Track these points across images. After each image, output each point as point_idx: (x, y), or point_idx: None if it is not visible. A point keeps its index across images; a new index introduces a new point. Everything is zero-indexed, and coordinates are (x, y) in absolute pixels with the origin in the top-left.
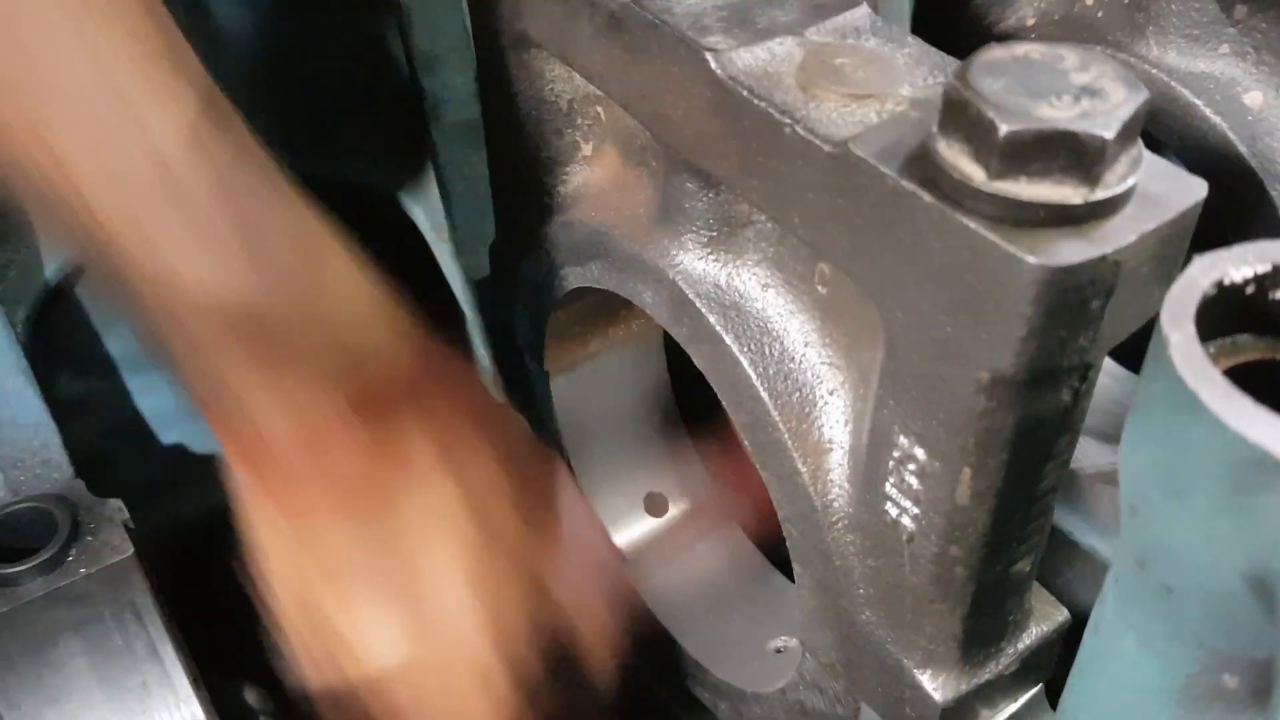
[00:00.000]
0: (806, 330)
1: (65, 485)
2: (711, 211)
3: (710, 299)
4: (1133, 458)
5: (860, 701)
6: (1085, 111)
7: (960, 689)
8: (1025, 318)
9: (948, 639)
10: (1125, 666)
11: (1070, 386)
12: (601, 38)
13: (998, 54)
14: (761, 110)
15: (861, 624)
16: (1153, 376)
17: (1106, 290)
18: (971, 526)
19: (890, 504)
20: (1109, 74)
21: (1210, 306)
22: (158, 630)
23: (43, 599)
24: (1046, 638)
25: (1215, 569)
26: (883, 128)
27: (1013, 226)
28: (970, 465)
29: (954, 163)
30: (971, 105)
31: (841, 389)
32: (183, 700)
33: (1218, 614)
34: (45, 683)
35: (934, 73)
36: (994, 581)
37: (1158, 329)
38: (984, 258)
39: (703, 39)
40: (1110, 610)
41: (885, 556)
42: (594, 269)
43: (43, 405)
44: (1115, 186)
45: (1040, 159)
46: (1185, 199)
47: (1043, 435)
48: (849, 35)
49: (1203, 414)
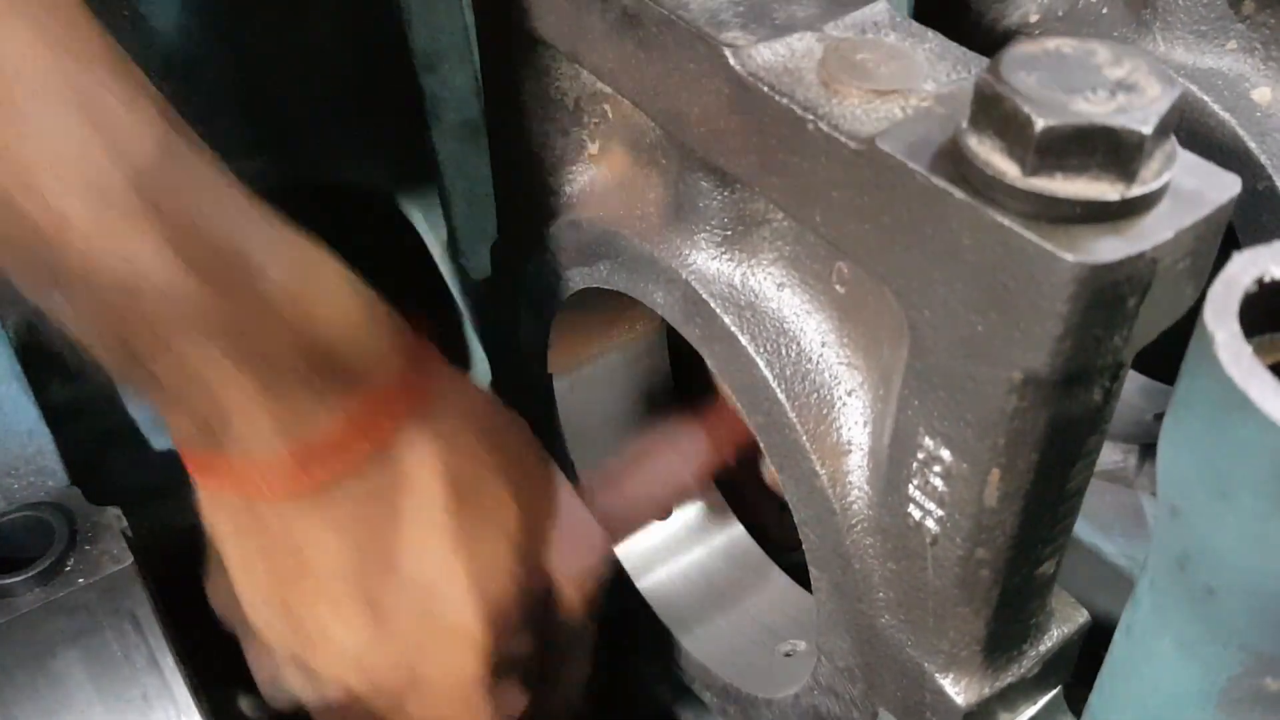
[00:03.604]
0: (824, 330)
1: (61, 493)
2: (726, 210)
3: (725, 299)
4: (1174, 459)
5: (878, 706)
6: (1122, 106)
7: (983, 693)
8: (1061, 316)
9: (971, 642)
10: (1161, 669)
11: (1102, 386)
12: (614, 34)
13: (1029, 48)
14: (783, 107)
15: (881, 628)
16: (1195, 375)
17: (1143, 288)
18: (999, 529)
19: (914, 506)
20: (1143, 68)
21: (1250, 303)
22: (157, 641)
23: (40, 610)
24: (1068, 639)
25: (1262, 570)
26: (909, 124)
27: (1048, 224)
28: (999, 466)
29: (986, 159)
30: (1005, 100)
31: (860, 390)
32: (183, 712)
33: (1263, 616)
34: (44, 696)
35: (957, 68)
36: (1019, 584)
37: (1199, 326)
38: (1018, 255)
39: (721, 34)
40: (1145, 613)
41: (907, 560)
42: (602, 269)
43: (37, 411)
44: (1151, 183)
45: (1077, 155)
46: (1220, 195)
47: (1073, 435)
48: (869, 30)
49: (1252, 412)
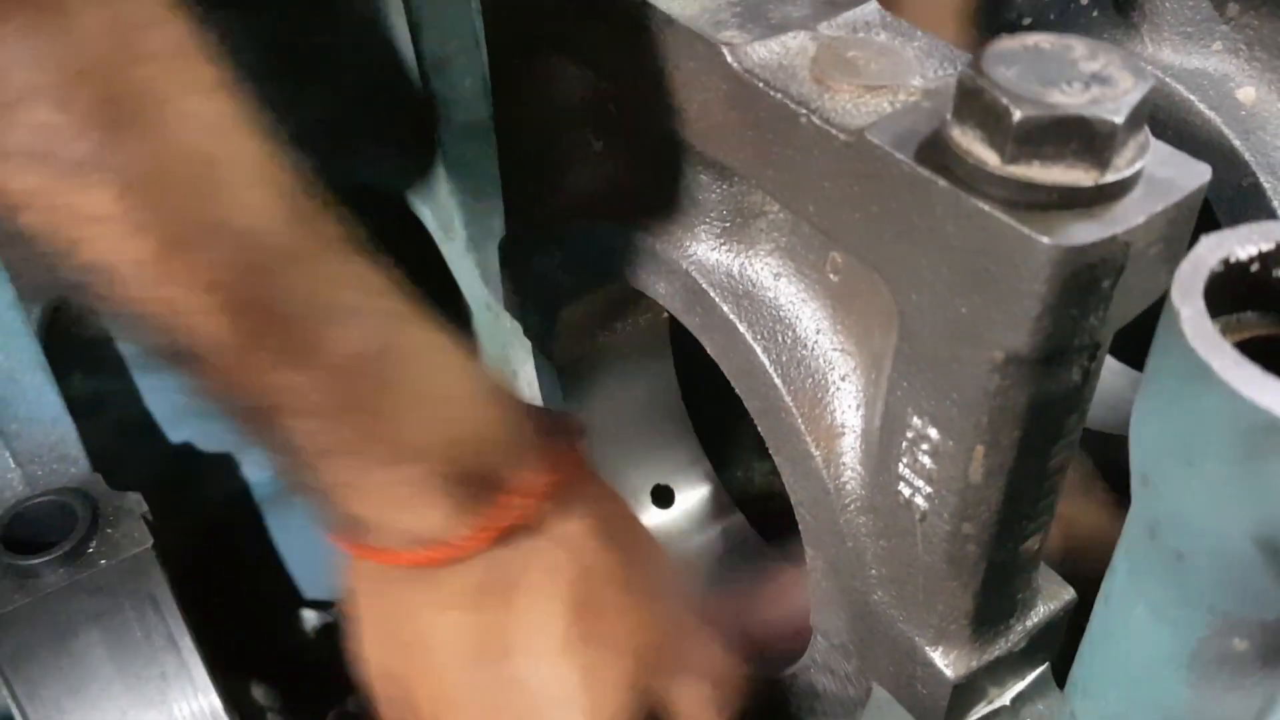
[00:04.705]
0: (818, 318)
1: (84, 479)
2: (725, 203)
3: (724, 288)
4: (1144, 430)
5: (872, 681)
6: (1095, 98)
7: (971, 665)
8: (1039, 297)
9: (959, 617)
10: (1136, 635)
11: (1080, 365)
12: (616, 35)
13: (1009, 44)
14: (778, 101)
15: (874, 604)
16: (1163, 350)
17: (1117, 270)
18: (984, 504)
19: (904, 484)
20: (1116, 62)
21: (1217, 283)
22: (176, 621)
23: (64, 590)
24: (1054, 615)
25: (1226, 533)
26: (897, 117)
27: (1026, 209)
28: (983, 443)
29: (968, 148)
30: (986, 92)
31: (853, 374)
32: (200, 690)
33: (1228, 578)
34: (66, 673)
35: (944, 65)
36: (1005, 559)
37: (1168, 304)
38: (998, 239)
39: (718, 34)
40: (1121, 580)
41: (898, 537)
42: (606, 263)
43: (60, 401)
44: (1124, 170)
45: (1053, 143)
46: (1190, 182)
47: (1053, 414)
48: (860, 29)
49: (1214, 383)
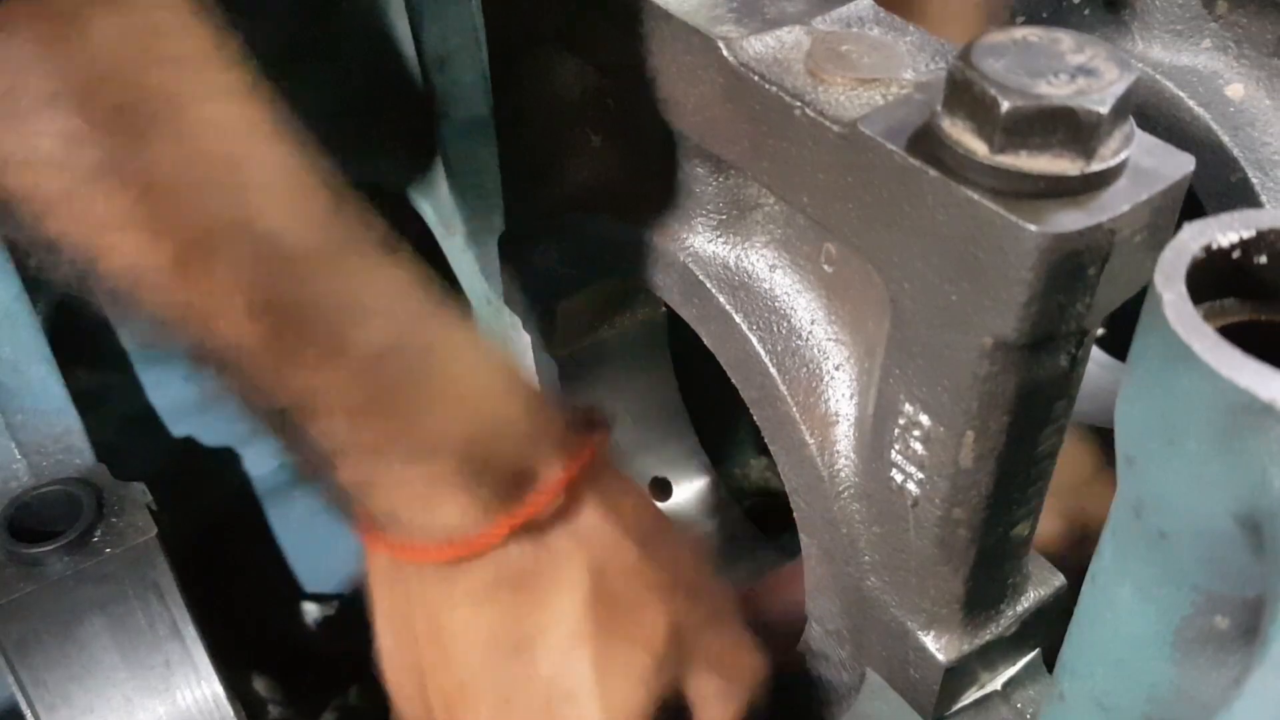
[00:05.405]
0: (813, 308)
1: (89, 469)
2: (721, 195)
3: (720, 280)
4: (1129, 412)
5: (865, 666)
6: (1081, 89)
7: (962, 649)
8: (1026, 283)
9: (950, 601)
10: (1122, 614)
11: (1068, 352)
12: (614, 30)
13: (998, 37)
14: (773, 94)
15: (867, 590)
16: (1147, 334)
17: (1102, 257)
18: (974, 489)
19: (896, 470)
20: (1102, 55)
21: (1199, 270)
22: (179, 610)
23: (69, 579)
24: (1044, 601)
25: (1207, 511)
26: (889, 109)
27: (1014, 198)
28: (973, 429)
29: (958, 139)
30: (975, 84)
31: (847, 363)
32: (204, 679)
33: (1210, 556)
34: (71, 660)
35: (935, 58)
36: (995, 544)
37: (1151, 289)
38: (987, 227)
39: (715, 28)
40: (1107, 561)
41: (890, 522)
42: (604, 256)
43: (65, 392)
44: (1110, 159)
45: (1040, 133)
46: (1174, 172)
47: (1042, 399)
48: (853, 24)
49: (1195, 364)
